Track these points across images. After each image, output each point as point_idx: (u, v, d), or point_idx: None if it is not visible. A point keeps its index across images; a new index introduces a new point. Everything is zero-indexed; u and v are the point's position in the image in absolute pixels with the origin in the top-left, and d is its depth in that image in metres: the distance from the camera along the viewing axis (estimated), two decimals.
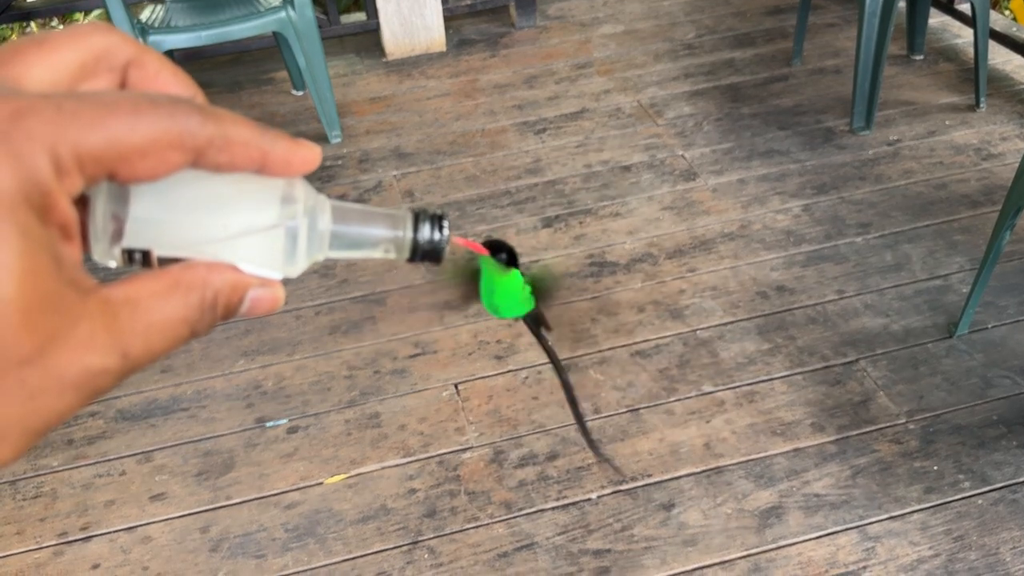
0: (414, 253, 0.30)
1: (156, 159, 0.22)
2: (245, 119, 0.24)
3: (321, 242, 0.28)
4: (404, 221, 0.30)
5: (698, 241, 1.87)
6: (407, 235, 0.30)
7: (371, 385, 1.59)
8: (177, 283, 0.24)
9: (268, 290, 0.26)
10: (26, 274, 0.20)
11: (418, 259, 0.30)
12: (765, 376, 1.55)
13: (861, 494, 1.35)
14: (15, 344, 0.20)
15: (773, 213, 1.93)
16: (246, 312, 0.26)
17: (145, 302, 0.23)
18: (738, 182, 2.03)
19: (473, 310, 1.70)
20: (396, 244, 0.30)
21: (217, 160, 0.24)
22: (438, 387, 1.58)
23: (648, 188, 2.03)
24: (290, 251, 0.27)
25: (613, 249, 1.86)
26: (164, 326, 0.23)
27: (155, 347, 0.23)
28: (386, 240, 0.30)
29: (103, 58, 0.25)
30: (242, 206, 0.26)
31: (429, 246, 0.30)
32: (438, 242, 0.30)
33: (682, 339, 1.63)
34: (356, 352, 1.67)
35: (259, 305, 0.26)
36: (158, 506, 1.43)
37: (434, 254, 0.30)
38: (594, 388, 1.55)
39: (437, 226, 0.30)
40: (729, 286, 1.75)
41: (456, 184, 2.10)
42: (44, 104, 0.21)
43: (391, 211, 0.30)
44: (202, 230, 0.25)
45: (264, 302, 0.26)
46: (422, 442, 1.48)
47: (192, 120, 0.23)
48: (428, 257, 0.30)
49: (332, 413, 1.55)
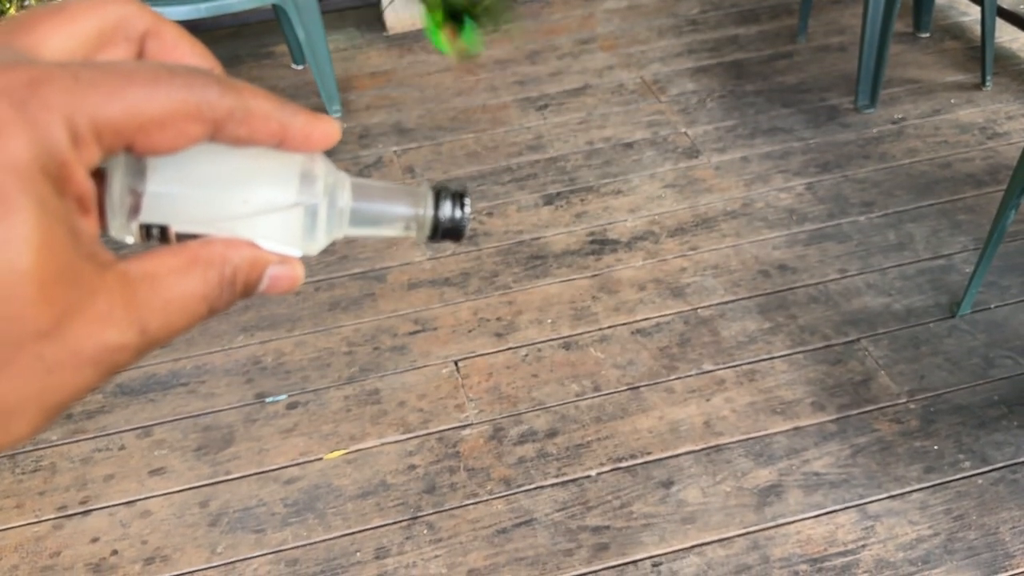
0: (435, 231, 0.30)
1: (175, 130, 0.22)
2: (265, 92, 0.24)
3: (341, 219, 0.28)
4: (425, 198, 0.29)
5: (700, 219, 1.86)
6: (428, 213, 0.29)
7: (371, 361, 1.59)
8: (196, 259, 0.24)
9: (287, 267, 0.26)
10: (43, 246, 0.19)
11: (439, 237, 0.30)
12: (766, 355, 1.55)
13: (861, 473, 1.35)
14: (33, 317, 0.19)
15: (776, 191, 1.92)
16: (266, 289, 0.26)
17: (164, 278, 0.23)
18: (741, 160, 2.02)
19: (473, 286, 1.72)
20: (417, 222, 0.29)
21: (237, 133, 0.23)
22: (438, 364, 1.58)
23: (650, 165, 2.02)
24: (310, 228, 0.27)
25: (615, 227, 1.86)
26: (183, 302, 0.23)
27: (174, 323, 0.23)
28: (406, 218, 0.29)
29: (120, 27, 0.25)
30: (262, 182, 0.26)
31: (450, 224, 0.30)
32: (459, 220, 0.30)
33: (683, 317, 1.63)
34: (356, 328, 1.67)
35: (278, 282, 0.26)
36: (157, 480, 1.43)
37: (455, 232, 0.30)
38: (594, 366, 1.55)
39: (459, 203, 0.30)
40: (731, 264, 1.74)
41: (457, 160, 2.08)
42: (61, 73, 0.21)
43: (412, 188, 0.30)
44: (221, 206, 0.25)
45: (283, 279, 0.26)
46: (422, 418, 1.48)
47: (211, 91, 0.22)
48: (449, 235, 0.30)
49: (331, 389, 1.55)
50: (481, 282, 1.75)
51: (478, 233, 1.87)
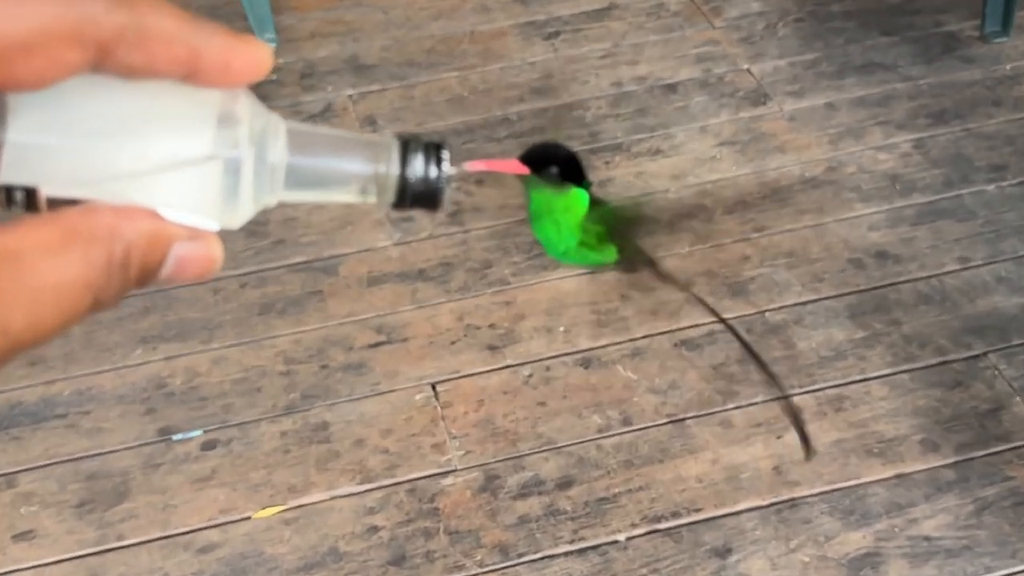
0: (402, 195, 0.30)
1: (44, 57, 0.22)
2: (169, 5, 0.24)
3: (273, 179, 0.28)
4: (388, 151, 0.30)
5: (769, 189, 1.86)
6: (392, 170, 0.30)
7: (317, 385, 1.59)
8: (74, 233, 0.23)
9: (200, 245, 0.26)
10: None
11: (407, 203, 0.31)
12: (859, 375, 1.55)
13: (988, 537, 1.35)
14: None
15: (873, 151, 1.92)
16: (170, 276, 0.26)
17: (31, 259, 0.23)
18: (825, 107, 2.02)
19: (457, 281, 1.72)
20: (377, 183, 0.30)
21: (129, 61, 0.23)
22: (409, 388, 1.58)
23: (701, 115, 2.02)
24: (231, 191, 0.27)
25: (652, 200, 1.85)
26: (57, 292, 0.23)
27: (45, 321, 0.23)
28: (363, 177, 0.30)
29: None
30: (164, 128, 0.26)
31: (423, 186, 0.30)
32: (435, 181, 0.30)
33: (745, 324, 1.63)
34: (296, 339, 1.66)
35: (188, 266, 0.26)
36: (24, 548, 1.42)
37: (430, 197, 0.31)
38: (624, 391, 1.55)
39: (434, 158, 0.30)
40: (811, 251, 1.74)
41: (435, 108, 2.08)
42: None
43: (371, 137, 0.30)
44: (109, 161, 0.25)
45: (195, 262, 0.26)
46: (387, 463, 1.48)
47: (95, 5, 0.22)
48: (421, 202, 0.31)
49: (263, 423, 1.55)
50: (468, 276, 1.74)
51: (464, 208, 1.87)
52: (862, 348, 1.59)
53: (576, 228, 0.56)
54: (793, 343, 1.60)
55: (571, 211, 0.55)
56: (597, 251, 0.60)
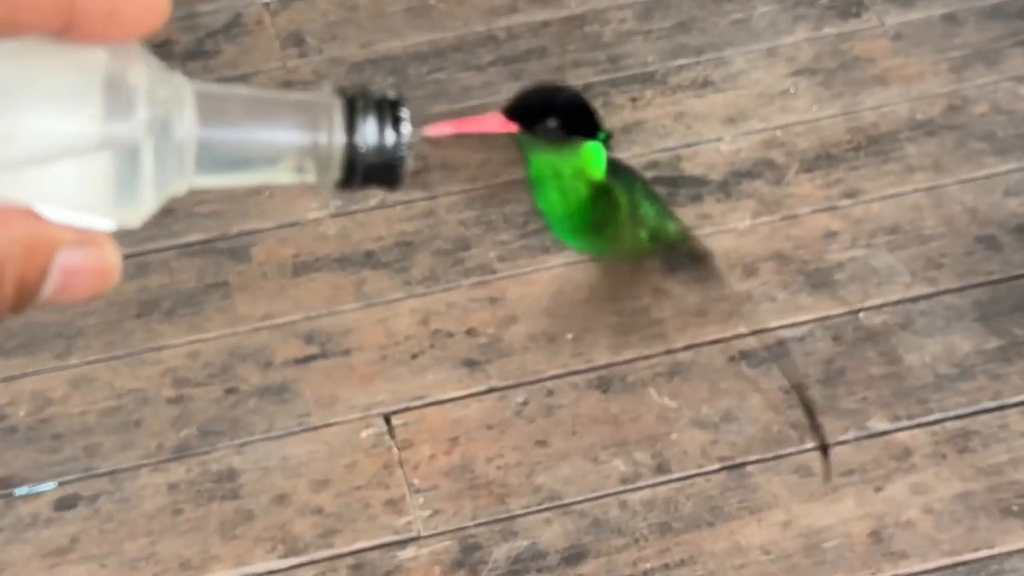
0: (351, 171, 0.32)
1: None
2: None
3: (182, 161, 0.30)
4: (330, 113, 0.32)
5: (865, 137, 1.87)
6: (336, 139, 0.32)
7: (220, 417, 1.60)
8: None
9: (91, 252, 0.28)
10: None
11: (358, 181, 0.33)
12: (992, 401, 1.55)
13: None
14: None
15: (1012, 82, 1.93)
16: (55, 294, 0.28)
17: None
18: (943, 21, 2.02)
19: (421, 268, 1.70)
20: (316, 156, 0.32)
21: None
22: (353, 421, 1.58)
23: (767, 32, 2.03)
24: (127, 181, 0.29)
25: (698, 152, 1.86)
26: None
27: None
28: (298, 149, 0.32)
29: None
30: (38, 101, 0.28)
31: (377, 157, 0.32)
32: (393, 148, 0.32)
33: (830, 328, 1.63)
34: (191, 352, 1.67)
35: (77, 279, 0.28)
36: None
37: (387, 171, 0.33)
38: (658, 423, 1.55)
39: (389, 117, 0.32)
40: (923, 225, 1.75)
41: (389, 22, 2.09)
42: None
43: (305, 97, 0.33)
44: None
45: (85, 274, 0.28)
46: (321, 528, 1.48)
47: None
48: (376, 177, 0.33)
49: (144, 471, 1.55)
50: (436, 261, 1.74)
51: (430, 164, 1.85)
52: (997, 363, 1.59)
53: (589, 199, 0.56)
54: (898, 356, 1.60)
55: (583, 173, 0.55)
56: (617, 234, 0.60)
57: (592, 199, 0.63)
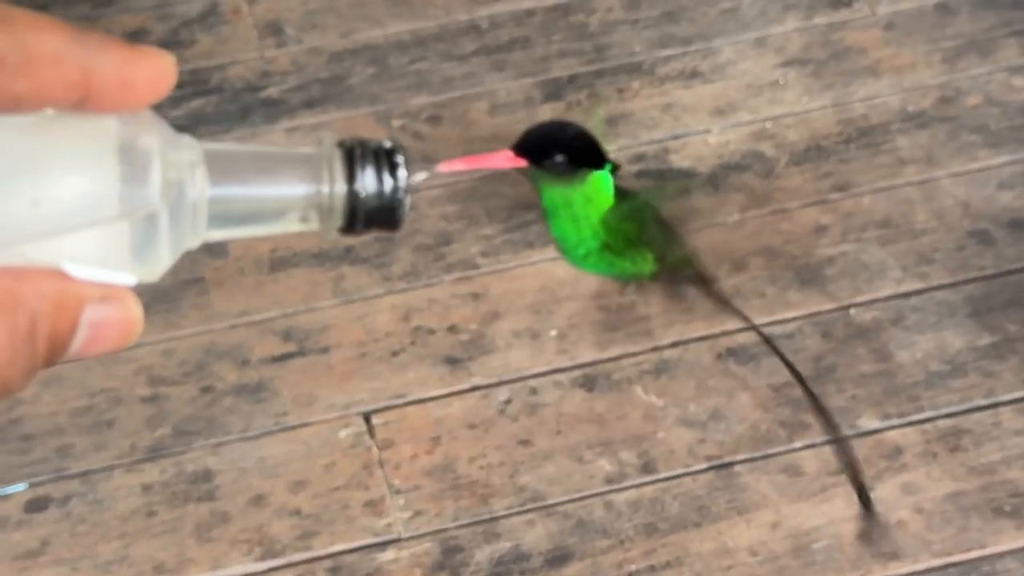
0: (351, 218, 0.35)
1: None
2: (49, 19, 0.28)
3: (195, 219, 0.33)
4: (329, 164, 0.34)
5: (855, 129, 1.87)
6: (338, 188, 0.35)
7: (196, 416, 1.59)
8: None
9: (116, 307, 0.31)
10: None
11: (359, 227, 0.35)
12: (984, 399, 1.56)
13: None
14: None
15: (1006, 73, 1.93)
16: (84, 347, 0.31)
17: None
18: (936, 10, 2.02)
19: (402, 264, 1.68)
20: (320, 205, 0.35)
21: (13, 90, 0.27)
22: (331, 420, 1.58)
23: (756, 21, 2.03)
24: (145, 240, 0.32)
25: (686, 144, 1.86)
26: None
27: None
28: (303, 200, 0.35)
29: None
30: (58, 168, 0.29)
31: (377, 202, 0.35)
32: (393, 193, 0.35)
33: (820, 325, 1.64)
34: (166, 349, 1.66)
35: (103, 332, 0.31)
36: None
37: (387, 215, 0.35)
38: (644, 422, 1.55)
39: (386, 165, 0.35)
40: (915, 219, 1.75)
41: (369, 11, 2.08)
42: None
43: (306, 150, 0.35)
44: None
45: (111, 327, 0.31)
46: (299, 530, 1.48)
47: None
48: (377, 221, 0.35)
49: (117, 472, 1.54)
50: (418, 256, 1.74)
51: (412, 155, 1.83)
52: (989, 360, 1.59)
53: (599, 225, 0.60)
54: (889, 353, 1.60)
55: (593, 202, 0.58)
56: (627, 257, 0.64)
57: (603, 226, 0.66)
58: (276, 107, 1.94)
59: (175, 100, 1.95)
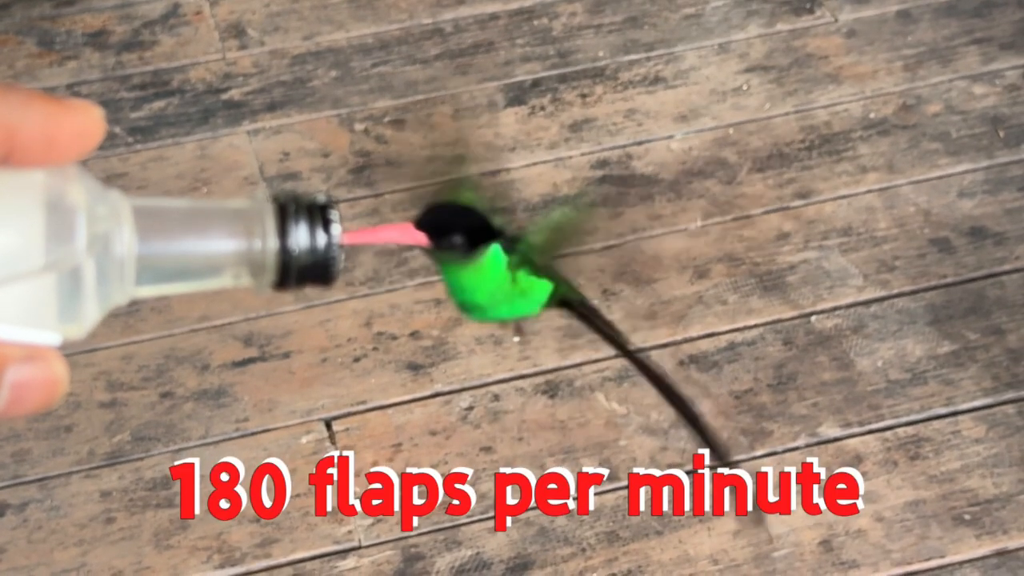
0: (285, 274, 0.35)
1: None
2: None
3: (123, 275, 0.32)
4: (262, 219, 0.34)
5: (817, 136, 1.87)
6: (270, 244, 0.34)
7: (155, 422, 1.58)
8: None
9: (39, 367, 0.30)
10: None
11: (292, 283, 0.36)
12: (944, 407, 1.56)
13: None
14: None
15: (966, 81, 1.93)
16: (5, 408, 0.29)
17: None
18: (898, 18, 2.03)
19: (364, 268, 1.69)
20: (251, 262, 0.34)
21: None
22: (293, 426, 1.58)
23: (719, 27, 2.03)
24: (71, 296, 0.31)
25: (648, 150, 1.86)
26: None
27: None
28: (234, 257, 0.34)
29: None
30: None
31: (310, 259, 0.35)
32: (326, 249, 0.35)
33: (781, 332, 1.64)
34: (126, 354, 1.66)
35: (26, 395, 0.30)
36: None
37: (321, 271, 0.36)
38: (606, 429, 1.55)
39: (320, 220, 0.35)
40: (876, 227, 1.75)
41: (331, 13, 2.08)
42: None
43: (238, 205, 0.35)
44: None
45: (34, 389, 0.30)
46: (259, 537, 1.48)
47: None
48: (310, 276, 0.36)
49: (75, 478, 1.54)
50: (379, 261, 1.74)
51: (374, 160, 1.86)
52: (949, 368, 1.59)
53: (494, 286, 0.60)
54: (850, 361, 1.61)
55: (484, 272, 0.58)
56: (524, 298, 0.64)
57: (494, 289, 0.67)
58: (238, 109, 1.93)
59: (136, 102, 1.94)
